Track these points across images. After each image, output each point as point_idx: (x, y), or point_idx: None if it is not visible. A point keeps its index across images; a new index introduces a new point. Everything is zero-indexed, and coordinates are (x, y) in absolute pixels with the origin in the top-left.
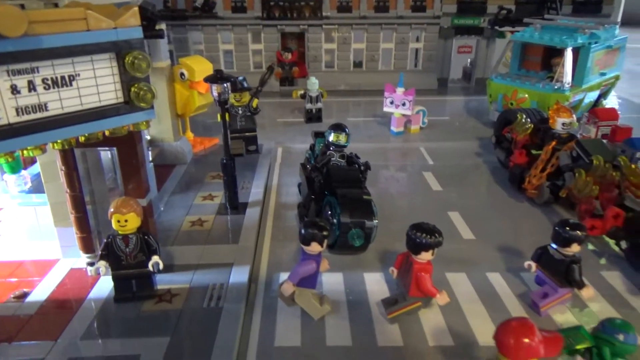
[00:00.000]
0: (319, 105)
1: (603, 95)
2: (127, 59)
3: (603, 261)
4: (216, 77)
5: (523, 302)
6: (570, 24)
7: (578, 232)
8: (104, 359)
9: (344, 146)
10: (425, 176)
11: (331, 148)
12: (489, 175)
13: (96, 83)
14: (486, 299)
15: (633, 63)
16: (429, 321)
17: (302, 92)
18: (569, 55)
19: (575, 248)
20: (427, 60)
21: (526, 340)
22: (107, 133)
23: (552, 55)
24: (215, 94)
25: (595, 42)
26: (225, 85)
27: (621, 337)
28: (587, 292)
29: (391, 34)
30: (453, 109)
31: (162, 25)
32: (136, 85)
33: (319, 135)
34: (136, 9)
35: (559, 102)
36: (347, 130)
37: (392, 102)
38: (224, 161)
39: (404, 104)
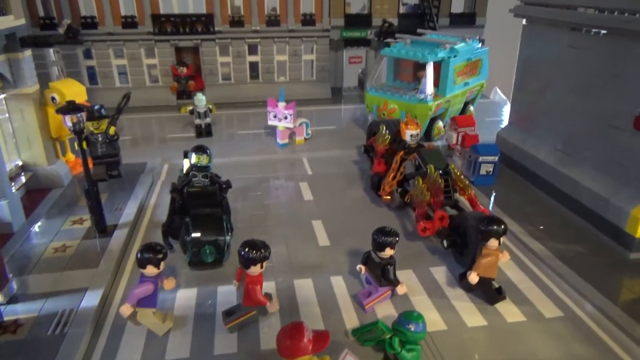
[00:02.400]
0: (208, 120)
1: (470, 102)
2: None
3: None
4: (69, 108)
5: (354, 302)
6: (434, 39)
7: (389, 238)
8: None
9: (207, 167)
10: (301, 186)
11: (194, 169)
12: (359, 183)
13: None
14: (323, 301)
15: None
16: (266, 327)
17: (190, 108)
18: (429, 69)
19: (388, 252)
20: (320, 71)
21: (295, 341)
22: None
23: (419, 67)
24: (69, 124)
25: (455, 56)
26: (79, 115)
27: (412, 327)
28: (402, 289)
29: (284, 47)
30: (342, 118)
31: (28, 52)
32: None
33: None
34: None
35: (408, 115)
36: (208, 151)
37: (275, 116)
38: (86, 187)
39: (286, 118)
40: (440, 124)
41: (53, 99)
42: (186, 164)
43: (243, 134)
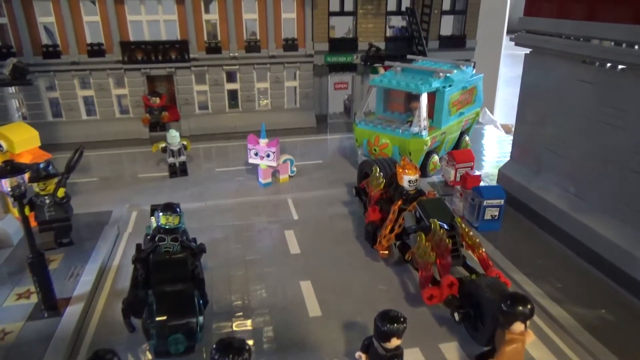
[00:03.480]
0: (182, 158)
1: (466, 131)
2: None
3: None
4: (6, 170)
5: None
6: (426, 67)
7: (395, 325)
8: None
9: (177, 228)
10: (287, 236)
11: (161, 231)
12: (351, 229)
13: None
14: None
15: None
16: None
17: (162, 145)
18: (423, 101)
19: (394, 342)
20: (304, 98)
21: None
22: None
23: (412, 98)
24: (6, 189)
25: (450, 85)
26: (19, 177)
27: None
28: None
29: (265, 74)
30: (328, 150)
31: None
32: None
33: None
34: None
35: (405, 158)
36: (178, 210)
37: (256, 154)
38: (31, 260)
39: (268, 156)
40: (435, 158)
41: (0, 147)
42: (154, 222)
43: (222, 172)
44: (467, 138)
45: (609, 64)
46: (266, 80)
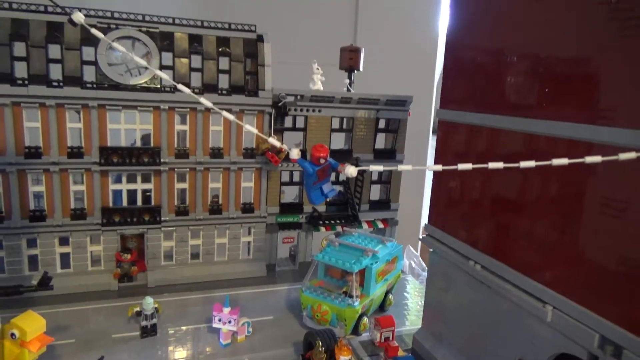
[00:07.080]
0: (154, 320)
1: (390, 290)
2: None
3: None
4: None
5: None
6: (356, 244)
7: None
8: None
9: None
10: None
11: None
12: None
13: None
14: None
15: None
16: None
17: (137, 309)
18: (355, 277)
19: None
20: (256, 251)
21: None
22: None
23: (347, 272)
24: None
25: (376, 262)
26: None
27: None
28: None
29: (224, 231)
30: (278, 303)
31: None
32: None
33: None
34: None
35: (342, 340)
36: None
37: (219, 320)
38: None
39: (230, 322)
40: (365, 320)
41: (13, 335)
42: None
43: (186, 331)
44: (390, 296)
45: (480, 281)
46: (225, 237)
